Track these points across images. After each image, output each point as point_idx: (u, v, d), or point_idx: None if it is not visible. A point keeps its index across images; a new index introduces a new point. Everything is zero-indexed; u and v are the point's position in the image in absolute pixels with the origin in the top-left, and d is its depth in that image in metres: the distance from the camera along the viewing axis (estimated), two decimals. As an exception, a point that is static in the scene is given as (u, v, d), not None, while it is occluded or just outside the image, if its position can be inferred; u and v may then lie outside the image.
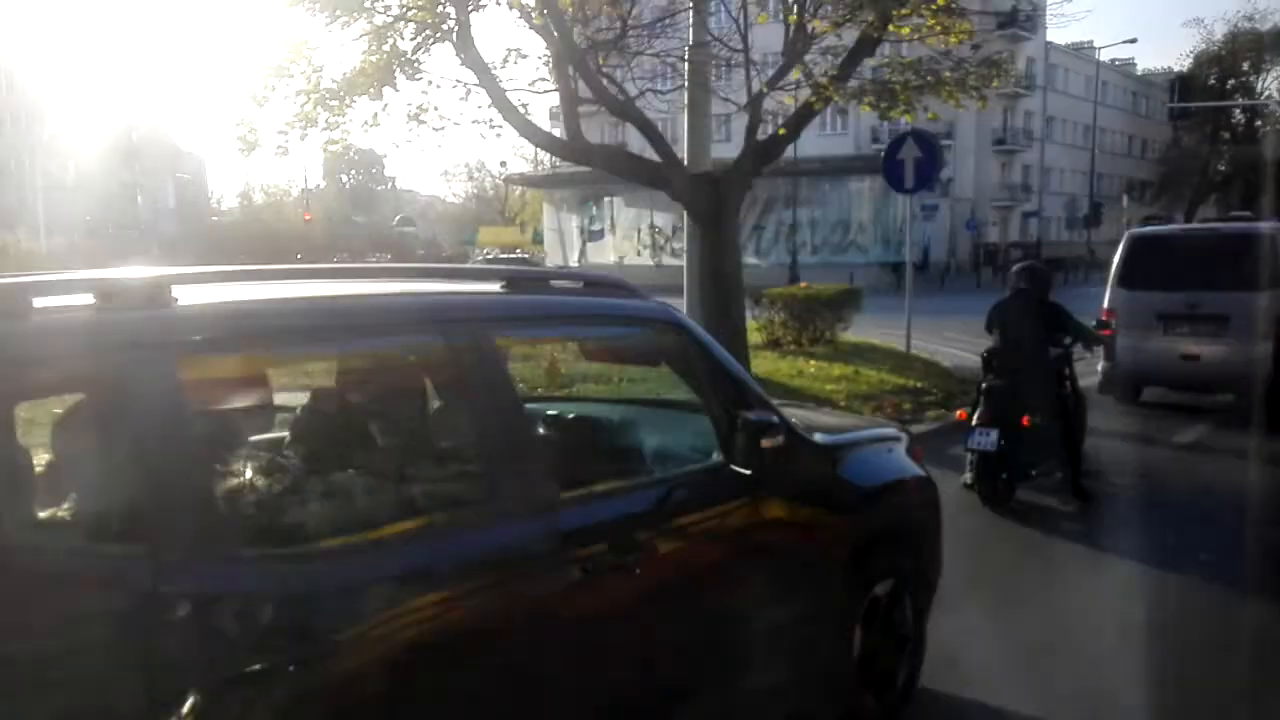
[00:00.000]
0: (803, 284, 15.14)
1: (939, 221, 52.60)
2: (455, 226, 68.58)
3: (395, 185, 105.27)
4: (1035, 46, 60.01)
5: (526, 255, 42.76)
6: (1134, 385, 10.65)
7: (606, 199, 41.20)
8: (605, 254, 40.81)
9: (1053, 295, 7.38)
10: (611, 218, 41.17)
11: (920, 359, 13.33)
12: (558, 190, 42.26)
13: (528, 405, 3.12)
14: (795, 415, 4.01)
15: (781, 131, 10.71)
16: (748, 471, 2.96)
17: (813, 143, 54.71)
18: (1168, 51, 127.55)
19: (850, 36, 10.99)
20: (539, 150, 61.64)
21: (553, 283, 2.96)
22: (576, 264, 41.59)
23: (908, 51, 11.65)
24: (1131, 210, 60.29)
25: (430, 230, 70.39)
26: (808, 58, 10.98)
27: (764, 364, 11.68)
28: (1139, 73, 76.11)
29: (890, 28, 11.24)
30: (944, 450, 7.63)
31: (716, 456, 3.07)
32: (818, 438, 3.60)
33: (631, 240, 40.99)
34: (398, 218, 59.63)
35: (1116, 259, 10.55)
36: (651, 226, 40.39)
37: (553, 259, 42.46)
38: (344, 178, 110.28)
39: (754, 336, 14.28)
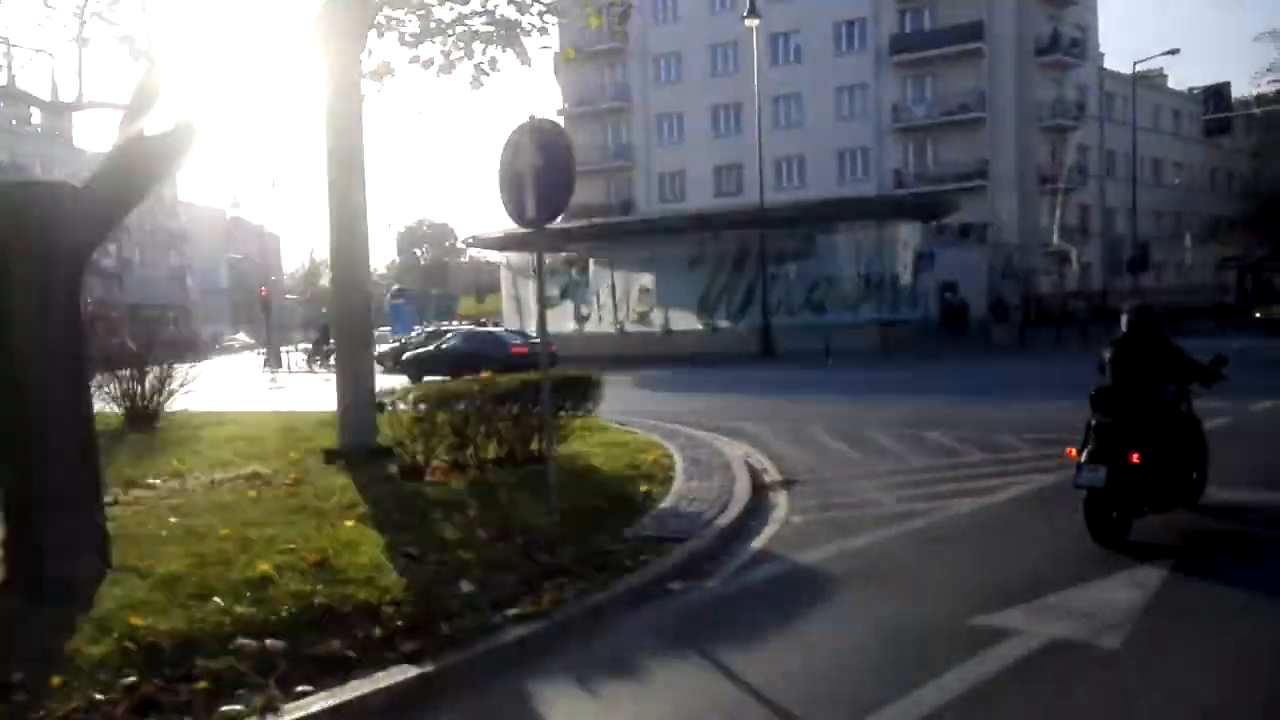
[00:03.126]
0: (484, 376, 10.02)
1: (975, 271, 46.55)
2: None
3: (471, 257, 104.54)
4: (1087, 74, 53.78)
5: (484, 323, 38.44)
6: None
7: (559, 258, 36.82)
8: (564, 322, 36.17)
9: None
10: (570, 282, 36.70)
11: (581, 501, 8.22)
12: (514, 253, 37.96)
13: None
14: None
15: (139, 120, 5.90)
16: None
17: (830, 189, 49.70)
18: (1243, 70, 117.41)
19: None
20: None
21: None
22: (534, 333, 37.06)
23: None
24: (1199, 251, 52.94)
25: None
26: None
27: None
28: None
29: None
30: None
31: None
32: None
33: (593, 305, 36.38)
34: (394, 288, 56.35)
35: None
36: (612, 290, 35.73)
37: (510, 328, 37.97)
38: (417, 251, 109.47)
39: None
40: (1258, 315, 23.41)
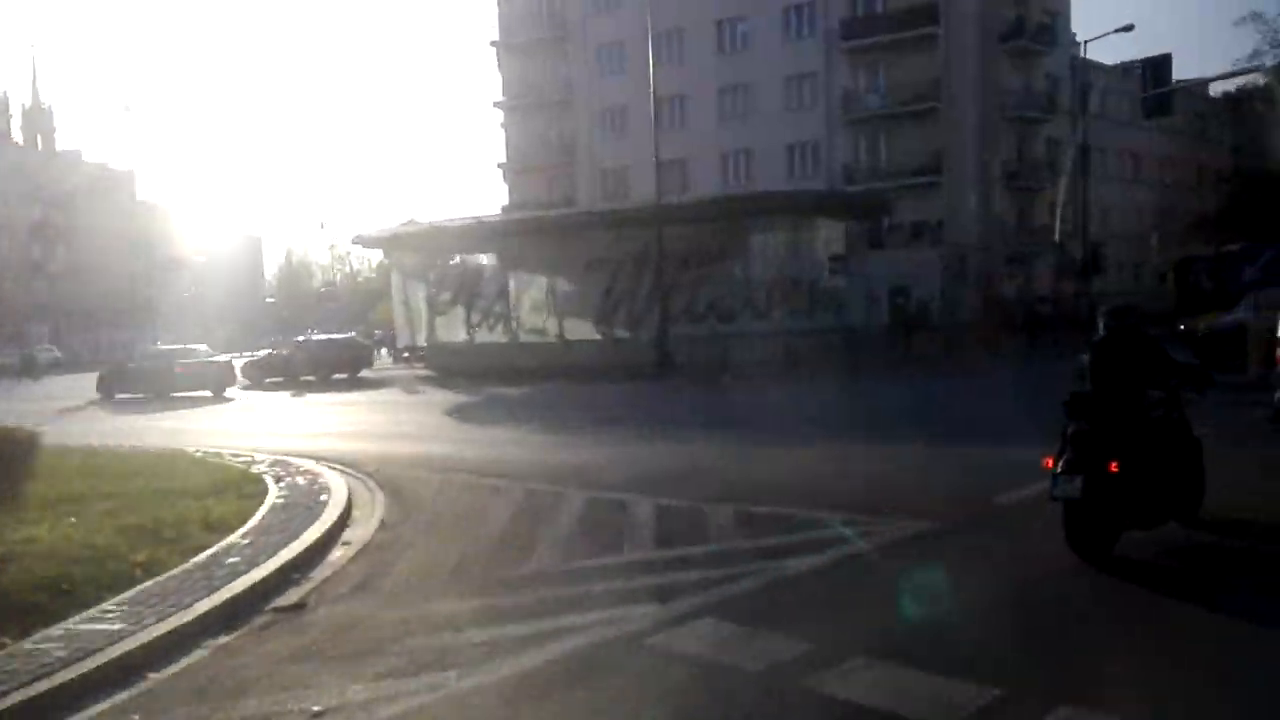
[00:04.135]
0: None
1: (929, 274, 42.90)
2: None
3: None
4: (1059, 63, 50.04)
5: (353, 334, 35.25)
6: None
7: (454, 261, 33.55)
8: (455, 330, 32.85)
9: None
10: (463, 286, 33.38)
11: None
12: (407, 254, 34.65)
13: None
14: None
15: None
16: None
17: (780, 185, 46.03)
18: (1221, 59, 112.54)
19: None
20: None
21: None
22: (424, 342, 33.80)
23: None
24: (1170, 250, 49.15)
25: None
26: None
27: None
28: (1214, 95, 64.51)
29: None
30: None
31: None
32: None
33: (486, 313, 32.97)
34: (324, 291, 53.33)
35: None
36: (506, 295, 32.35)
37: (401, 337, 34.75)
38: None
39: None
40: (1182, 327, 19.50)
